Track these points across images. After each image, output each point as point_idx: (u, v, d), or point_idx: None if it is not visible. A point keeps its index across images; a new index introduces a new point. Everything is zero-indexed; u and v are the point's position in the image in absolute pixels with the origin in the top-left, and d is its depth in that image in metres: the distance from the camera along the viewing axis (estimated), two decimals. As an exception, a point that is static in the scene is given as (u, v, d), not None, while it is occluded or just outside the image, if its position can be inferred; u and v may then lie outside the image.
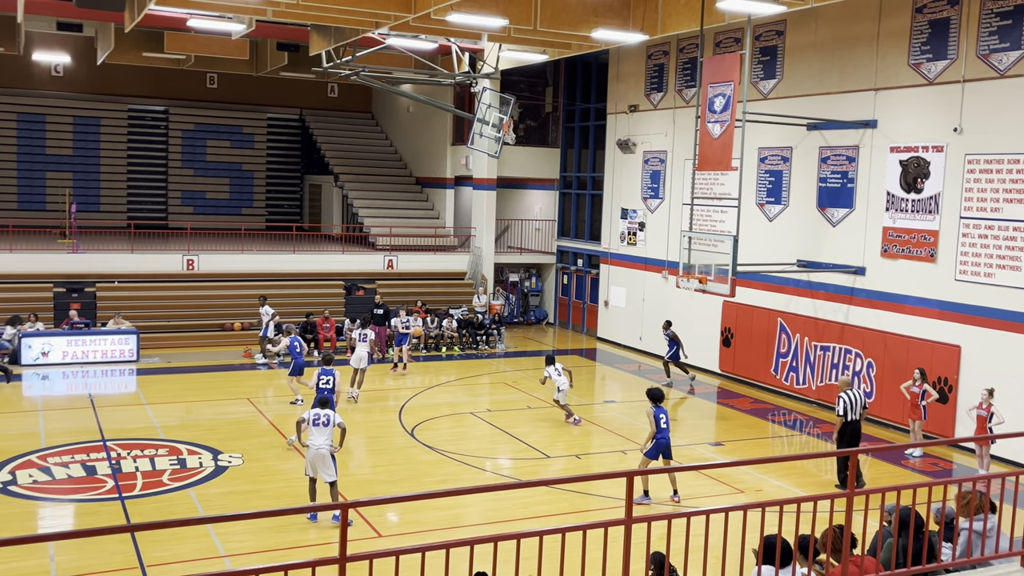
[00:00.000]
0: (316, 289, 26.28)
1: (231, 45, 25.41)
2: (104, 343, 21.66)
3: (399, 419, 17.59)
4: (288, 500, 12.90)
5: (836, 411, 14.11)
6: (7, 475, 13.48)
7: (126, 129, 33.53)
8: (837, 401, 14.12)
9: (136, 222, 30.02)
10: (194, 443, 15.34)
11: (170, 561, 10.69)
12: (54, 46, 30.79)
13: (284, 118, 35.86)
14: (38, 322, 21.75)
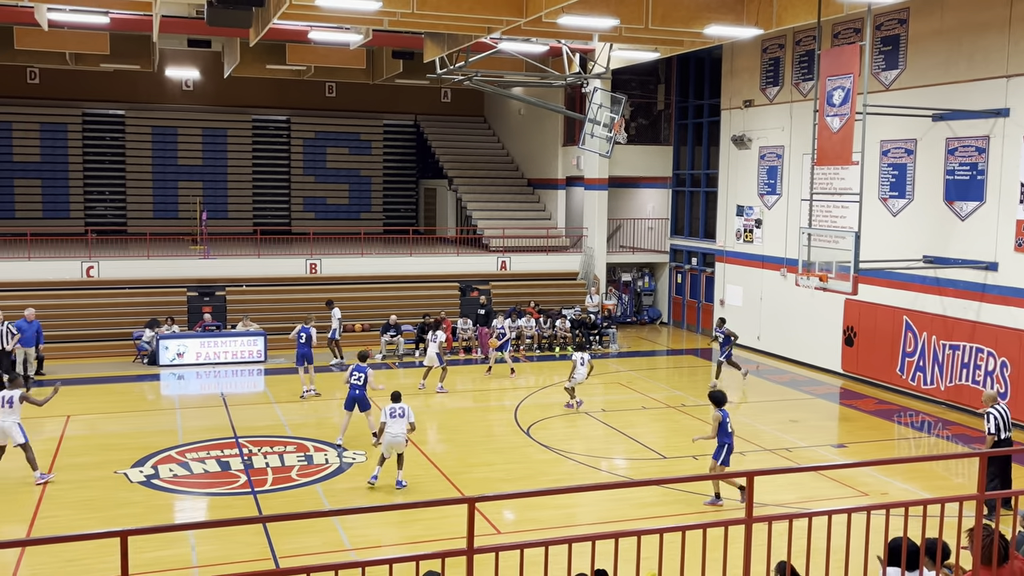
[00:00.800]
0: (432, 290, 26.84)
1: (349, 55, 26.23)
2: (234, 344, 22.68)
3: (515, 418, 17.82)
4: (410, 496, 13.28)
5: (987, 429, 12.86)
6: (150, 469, 14.32)
7: (251, 139, 34.99)
8: (986, 418, 12.85)
9: (261, 228, 31.31)
10: (320, 440, 15.93)
11: (300, 553, 11.17)
12: (185, 62, 32.44)
13: (399, 124, 36.72)
14: (174, 325, 22.97)
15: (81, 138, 32.97)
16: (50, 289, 23.85)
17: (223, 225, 32.50)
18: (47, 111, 32.36)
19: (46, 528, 11.98)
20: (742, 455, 15.55)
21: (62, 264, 24.38)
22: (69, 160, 32.80)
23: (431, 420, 17.71)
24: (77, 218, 32.64)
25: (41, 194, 32.56)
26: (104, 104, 33.05)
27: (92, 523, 12.16)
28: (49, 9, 20.34)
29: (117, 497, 13.18)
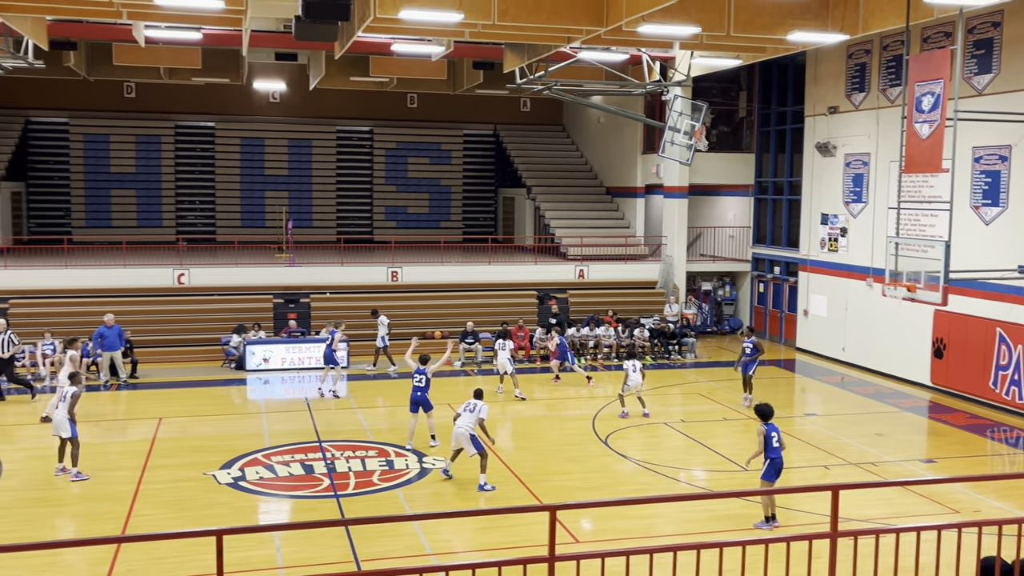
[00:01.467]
0: (510, 299, 26.99)
1: (430, 66, 26.61)
2: (318, 350, 23.14)
3: (592, 427, 17.79)
4: (489, 502, 13.38)
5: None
6: (237, 471, 14.75)
7: (335, 149, 35.74)
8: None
9: (345, 236, 31.94)
10: (400, 446, 16.16)
11: (381, 557, 11.37)
12: (272, 75, 33.38)
13: (479, 134, 37.06)
14: (260, 331, 23.59)
15: (174, 149, 34.15)
16: (144, 296, 24.75)
17: (308, 234, 33.26)
18: (142, 124, 33.62)
19: (140, 526, 12.43)
20: (826, 468, 15.24)
21: (155, 271, 25.28)
22: (162, 171, 34.01)
23: (508, 426, 17.80)
24: (169, 227, 33.81)
25: (136, 204, 33.82)
26: (195, 116, 34.19)
27: (182, 522, 12.58)
28: (146, 26, 21.16)
29: (206, 498, 13.60)
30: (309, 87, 30.52)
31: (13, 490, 13.77)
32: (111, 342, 21.11)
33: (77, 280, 24.59)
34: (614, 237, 30.15)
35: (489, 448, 14.35)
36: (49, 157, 33.12)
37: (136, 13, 17.47)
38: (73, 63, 25.68)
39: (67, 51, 24.85)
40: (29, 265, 25.16)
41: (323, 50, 25.82)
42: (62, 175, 33.21)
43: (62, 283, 24.44)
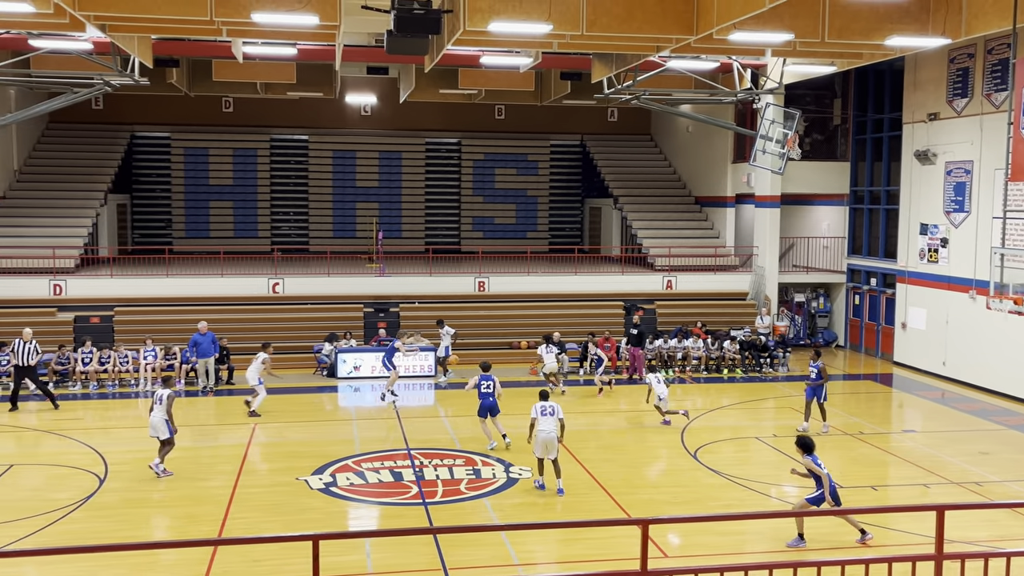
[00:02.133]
0: (596, 309, 26.86)
1: (518, 78, 26.76)
2: (406, 359, 23.43)
3: (681, 441, 17.54)
4: (576, 514, 13.31)
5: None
6: (328, 477, 15.02)
7: (424, 161, 36.22)
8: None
9: (433, 247, 32.30)
10: (487, 455, 16.22)
11: (468, 565, 11.42)
12: (363, 89, 34.06)
13: (566, 144, 37.06)
14: (351, 339, 24.02)
15: (269, 162, 35.12)
16: (240, 304, 25.48)
17: (397, 244, 33.76)
18: (239, 137, 34.68)
19: (236, 529, 12.77)
20: (926, 487, 14.70)
21: (251, 281, 26.00)
22: (258, 183, 35.00)
23: (595, 438, 17.69)
24: (264, 237, 34.75)
25: (233, 215, 34.88)
26: (290, 130, 35.10)
27: (276, 526, 12.87)
28: (244, 43, 21.85)
29: (298, 503, 13.89)
30: (399, 100, 31.04)
31: (115, 491, 14.30)
32: (205, 349, 21.78)
33: (177, 289, 25.49)
34: (703, 247, 29.74)
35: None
36: (152, 170, 34.44)
37: (235, 30, 18.02)
38: (175, 80, 26.67)
39: (170, 68, 25.85)
40: (133, 274, 26.17)
41: (413, 63, 26.23)
42: (164, 187, 34.49)
43: (163, 291, 25.37)
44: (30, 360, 19.64)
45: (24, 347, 19.61)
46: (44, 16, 16.26)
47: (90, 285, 25.18)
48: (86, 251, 27.51)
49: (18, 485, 14.46)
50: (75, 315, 24.37)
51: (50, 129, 32.39)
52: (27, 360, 19.60)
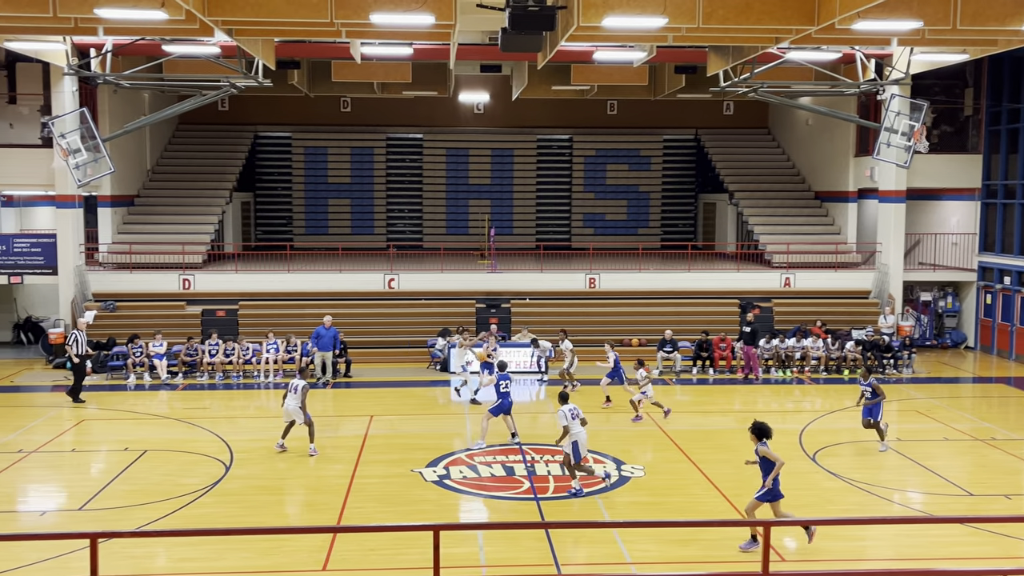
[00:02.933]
0: (710, 307, 26.40)
1: (631, 72, 26.53)
2: (517, 354, 23.57)
3: (799, 443, 17.06)
4: (689, 515, 13.12)
5: None
6: (442, 470, 15.24)
7: (535, 158, 36.33)
8: None
9: (544, 243, 32.37)
10: (599, 452, 16.15)
11: (580, 562, 11.40)
12: (476, 87, 34.39)
13: (679, 139, 36.53)
14: (464, 334, 24.27)
15: (385, 160, 35.86)
16: (357, 299, 26.13)
17: (509, 240, 33.96)
18: (357, 136, 35.53)
19: (353, 518, 13.09)
20: (1066, 499, 13.87)
21: (367, 276, 26.63)
22: (374, 181, 35.79)
23: (708, 438, 17.38)
24: (380, 234, 35.52)
25: (350, 212, 35.79)
26: (405, 129, 35.76)
27: (391, 517, 13.14)
28: (362, 44, 22.37)
29: (413, 494, 14.14)
30: (511, 97, 31.21)
31: (240, 478, 14.87)
32: (326, 342, 22.41)
33: (298, 284, 26.33)
34: (823, 244, 28.83)
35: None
36: (274, 169, 35.65)
37: (353, 31, 18.46)
38: (296, 81, 27.53)
39: (291, 70, 26.69)
40: (256, 270, 27.16)
41: (526, 60, 26.34)
42: (285, 186, 35.66)
43: (284, 287, 26.24)
44: (86, 350, 20.53)
45: (78, 338, 20.38)
46: (176, 22, 17.02)
47: (216, 280, 26.28)
48: (213, 247, 28.72)
49: (152, 469, 15.20)
50: (202, 308, 25.47)
51: (180, 131, 33.92)
52: (84, 350, 20.44)
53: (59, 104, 24.33)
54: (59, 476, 15.05)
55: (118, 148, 26.21)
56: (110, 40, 22.54)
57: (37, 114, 25.62)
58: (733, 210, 32.74)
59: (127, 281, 25.98)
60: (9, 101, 26.13)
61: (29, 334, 27.14)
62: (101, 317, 24.76)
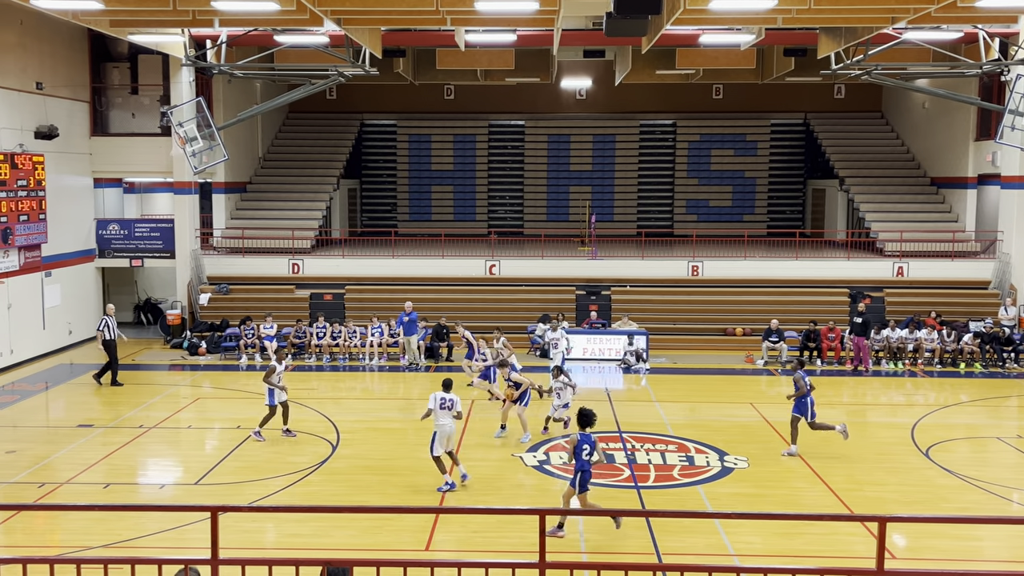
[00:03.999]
0: (818, 296, 25.71)
1: (738, 56, 25.96)
2: (617, 342, 23.45)
3: (911, 437, 16.48)
4: (794, 508, 12.86)
5: None
6: (543, 455, 15.32)
7: (638, 144, 35.95)
8: None
9: (645, 230, 32.07)
10: (701, 442, 15.96)
11: (681, 552, 11.29)
12: (579, 72, 34.23)
13: (787, 123, 35.58)
14: (564, 321, 24.29)
15: (487, 147, 36.09)
16: (459, 284, 26.43)
17: (609, 227, 33.76)
18: (459, 124, 35.85)
19: (453, 500, 13.28)
20: None
21: (469, 262, 26.90)
22: (476, 168, 36.07)
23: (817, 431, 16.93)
24: (481, 220, 35.79)
25: (453, 199, 36.17)
26: (507, 116, 35.87)
27: (491, 500, 13.28)
28: (466, 31, 22.53)
29: (514, 479, 14.25)
30: (614, 83, 30.94)
31: (345, 457, 15.27)
32: (409, 327, 22.82)
33: (401, 269, 26.80)
34: (939, 232, 27.68)
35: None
36: (380, 156, 36.30)
37: (458, 19, 18.62)
38: (402, 69, 27.93)
39: (397, 58, 27.09)
40: (362, 255, 27.75)
41: (630, 45, 26.06)
42: (390, 173, 36.27)
43: (388, 272, 26.74)
44: (116, 334, 20.37)
45: (108, 323, 20.33)
46: (287, 13, 17.51)
47: (324, 265, 26.98)
48: (321, 233, 29.47)
49: (263, 447, 15.74)
50: (310, 292, 26.20)
51: (290, 119, 34.87)
52: (114, 334, 20.35)
53: (177, 94, 25.32)
54: (176, 451, 15.74)
55: (231, 136, 27.13)
56: (225, 31, 23.35)
57: (157, 104, 26.72)
58: (843, 197, 31.74)
59: (239, 265, 26.94)
60: (131, 92, 27.33)
61: (149, 315, 28.44)
62: (215, 299, 25.77)
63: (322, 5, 16.67)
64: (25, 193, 22.13)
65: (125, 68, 27.17)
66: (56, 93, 23.99)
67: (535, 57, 28.58)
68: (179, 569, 5.93)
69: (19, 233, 21.95)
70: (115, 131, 27.02)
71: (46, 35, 23.37)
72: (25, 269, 22.52)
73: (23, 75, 22.52)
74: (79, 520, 12.18)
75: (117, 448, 15.59)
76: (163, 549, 11.27)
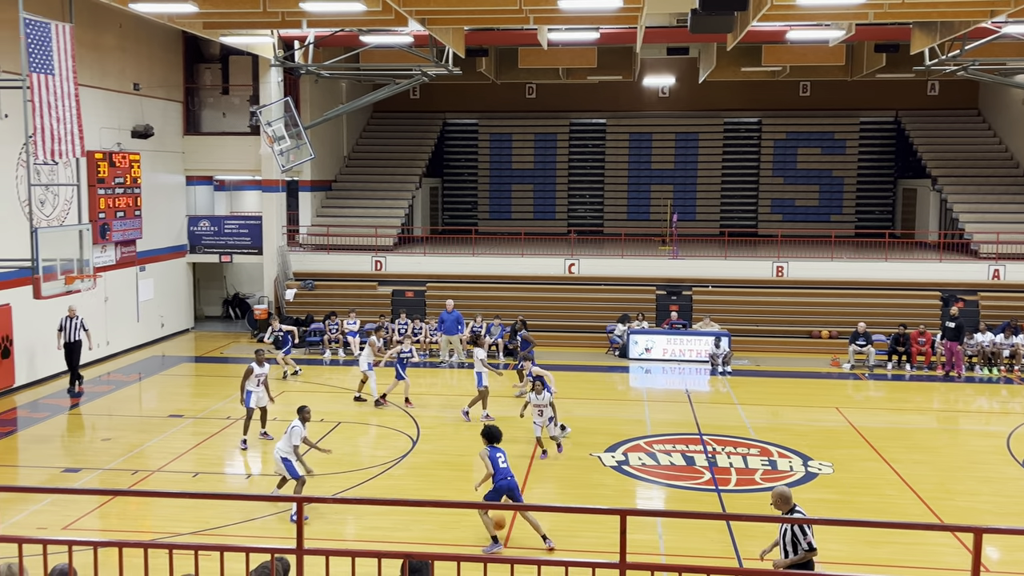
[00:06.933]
0: (908, 299, 24.94)
1: (827, 52, 25.37)
2: (699, 343, 23.16)
3: (1007, 446, 15.86)
4: (882, 516, 12.48)
5: None
6: (621, 455, 15.22)
7: (721, 142, 35.42)
8: None
9: (728, 230, 31.57)
10: (784, 446, 15.65)
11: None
12: (661, 70, 33.90)
13: (877, 121, 34.60)
14: (643, 321, 24.12)
15: (568, 146, 36.02)
16: (537, 283, 26.45)
17: (691, 227, 33.36)
18: (541, 122, 35.86)
19: (531, 497, 13.27)
20: None
21: (548, 261, 26.90)
22: (556, 166, 36.04)
23: (905, 437, 16.44)
24: (561, 219, 35.76)
25: (533, 198, 36.21)
26: (588, 114, 35.75)
27: (569, 499, 13.26)
28: (549, 30, 22.52)
29: (591, 478, 14.20)
30: (698, 80, 30.55)
31: (425, 452, 15.43)
32: (449, 327, 22.86)
33: (481, 267, 26.94)
34: (1038, 234, 26.58)
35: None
36: (461, 155, 36.57)
37: (541, 18, 18.63)
38: (484, 68, 28.09)
39: (479, 58, 27.26)
40: (442, 253, 28.01)
41: (715, 42, 25.69)
42: (471, 171, 36.50)
43: (469, 270, 26.91)
44: (78, 336, 19.47)
45: (72, 323, 19.37)
46: (373, 14, 17.77)
47: (405, 262, 27.32)
48: (403, 230, 29.84)
49: (345, 441, 16.03)
50: (392, 289, 26.55)
51: (374, 119, 35.39)
52: (75, 336, 19.44)
53: (266, 94, 25.95)
54: (261, 443, 16.11)
55: (317, 135, 27.67)
56: (312, 32, 23.83)
57: (246, 104, 27.43)
58: (936, 196, 30.71)
59: (324, 261, 27.47)
60: (222, 92, 28.11)
61: (237, 309, 29.22)
62: (300, 295, 26.33)
63: (407, 5, 16.88)
64: (122, 190, 22.97)
65: (217, 69, 27.97)
66: (152, 94, 24.83)
67: (617, 55, 28.41)
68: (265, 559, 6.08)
69: (116, 229, 22.79)
70: (206, 130, 27.84)
71: (143, 38, 24.22)
72: (121, 264, 23.38)
73: (121, 76, 23.37)
74: (169, 507, 12.59)
75: (206, 438, 16.06)
76: (248, 538, 11.57)
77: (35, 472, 14.75)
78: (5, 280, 18.69)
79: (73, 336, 19.29)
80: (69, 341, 19.27)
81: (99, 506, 12.80)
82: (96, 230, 21.32)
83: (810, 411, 18.37)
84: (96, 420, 17.73)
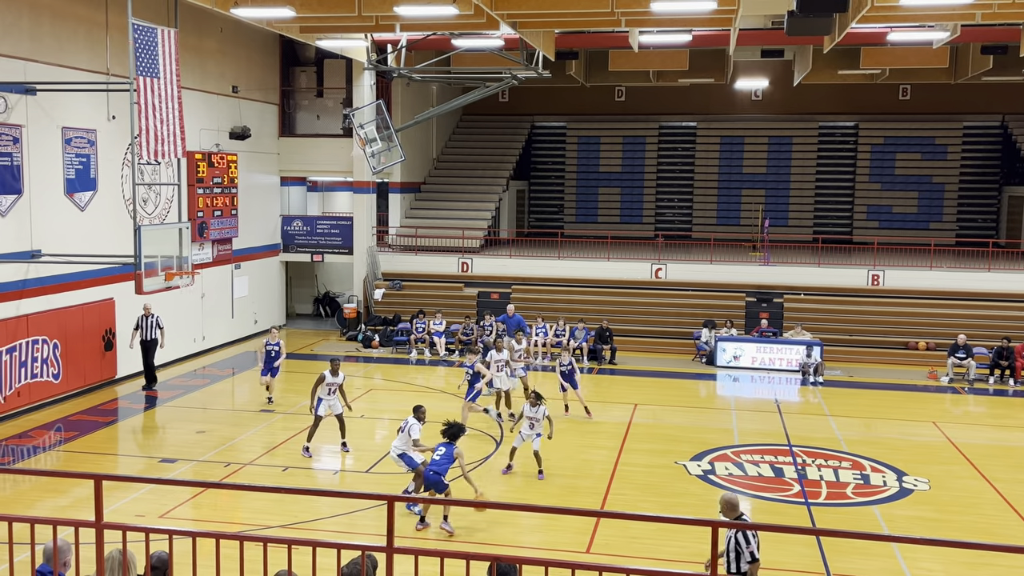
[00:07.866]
0: (1013, 311, 23.94)
1: (930, 54, 24.54)
2: (789, 352, 22.64)
3: (1119, 469, 15.04)
4: (980, 536, 11.99)
5: None
6: (707, 464, 14.98)
7: (816, 146, 34.58)
8: None
9: (822, 236, 30.80)
10: (878, 460, 15.17)
11: (854, 573, 10.75)
12: (755, 72, 33.27)
13: (982, 126, 33.29)
14: (732, 328, 23.69)
15: (656, 149, 35.66)
16: (623, 287, 26.25)
17: (783, 232, 32.65)
18: (629, 125, 35.60)
19: (615, 504, 13.19)
20: None
21: (634, 265, 26.68)
22: (645, 170, 35.72)
23: (1007, 455, 15.76)
24: (648, 223, 35.42)
25: (620, 201, 35.96)
26: (678, 117, 35.33)
27: (653, 507, 13.10)
28: (640, 32, 22.35)
29: (675, 487, 14.00)
30: (792, 83, 29.91)
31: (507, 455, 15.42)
32: (510, 331, 22.72)
33: (567, 271, 26.88)
34: None
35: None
36: (548, 158, 36.57)
37: (633, 20, 18.48)
38: (573, 71, 28.04)
39: (569, 60, 27.21)
40: (528, 255, 28.05)
41: (811, 44, 25.12)
42: (558, 174, 36.47)
43: (554, 273, 26.89)
44: (153, 335, 19.74)
45: (148, 321, 19.63)
46: (465, 17, 17.90)
47: (492, 264, 27.44)
48: (489, 233, 30.00)
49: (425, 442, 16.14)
50: (478, 291, 26.71)
51: (463, 121, 35.68)
52: (151, 335, 19.71)
53: (359, 97, 26.42)
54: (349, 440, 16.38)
55: (408, 138, 28.05)
56: (405, 36, 24.15)
57: (340, 107, 27.98)
58: (1044, 205, 29.40)
59: (412, 262, 27.81)
60: (317, 95, 28.74)
61: (327, 308, 29.81)
62: (388, 295, 26.72)
63: (499, 9, 16.95)
64: (220, 190, 23.68)
65: (312, 72, 28.61)
66: (249, 96, 25.54)
67: (709, 57, 28.02)
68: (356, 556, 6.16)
69: (213, 227, 23.50)
70: (301, 132, 28.49)
71: (242, 42, 24.94)
72: (217, 261, 24.09)
73: (221, 79, 24.10)
74: (259, 500, 12.91)
75: (295, 433, 16.41)
76: (336, 533, 11.78)
77: (135, 461, 15.32)
78: (109, 276, 19.45)
79: (149, 335, 19.75)
80: (145, 339, 19.71)
81: (192, 496, 13.20)
82: (195, 228, 22.01)
83: (905, 425, 17.77)
84: (191, 413, 18.30)
